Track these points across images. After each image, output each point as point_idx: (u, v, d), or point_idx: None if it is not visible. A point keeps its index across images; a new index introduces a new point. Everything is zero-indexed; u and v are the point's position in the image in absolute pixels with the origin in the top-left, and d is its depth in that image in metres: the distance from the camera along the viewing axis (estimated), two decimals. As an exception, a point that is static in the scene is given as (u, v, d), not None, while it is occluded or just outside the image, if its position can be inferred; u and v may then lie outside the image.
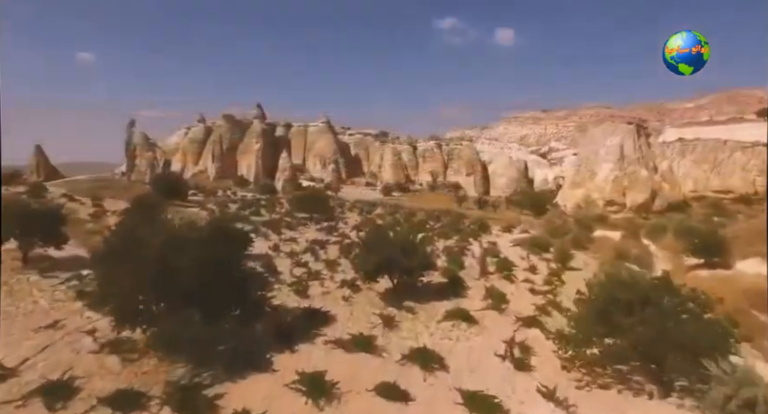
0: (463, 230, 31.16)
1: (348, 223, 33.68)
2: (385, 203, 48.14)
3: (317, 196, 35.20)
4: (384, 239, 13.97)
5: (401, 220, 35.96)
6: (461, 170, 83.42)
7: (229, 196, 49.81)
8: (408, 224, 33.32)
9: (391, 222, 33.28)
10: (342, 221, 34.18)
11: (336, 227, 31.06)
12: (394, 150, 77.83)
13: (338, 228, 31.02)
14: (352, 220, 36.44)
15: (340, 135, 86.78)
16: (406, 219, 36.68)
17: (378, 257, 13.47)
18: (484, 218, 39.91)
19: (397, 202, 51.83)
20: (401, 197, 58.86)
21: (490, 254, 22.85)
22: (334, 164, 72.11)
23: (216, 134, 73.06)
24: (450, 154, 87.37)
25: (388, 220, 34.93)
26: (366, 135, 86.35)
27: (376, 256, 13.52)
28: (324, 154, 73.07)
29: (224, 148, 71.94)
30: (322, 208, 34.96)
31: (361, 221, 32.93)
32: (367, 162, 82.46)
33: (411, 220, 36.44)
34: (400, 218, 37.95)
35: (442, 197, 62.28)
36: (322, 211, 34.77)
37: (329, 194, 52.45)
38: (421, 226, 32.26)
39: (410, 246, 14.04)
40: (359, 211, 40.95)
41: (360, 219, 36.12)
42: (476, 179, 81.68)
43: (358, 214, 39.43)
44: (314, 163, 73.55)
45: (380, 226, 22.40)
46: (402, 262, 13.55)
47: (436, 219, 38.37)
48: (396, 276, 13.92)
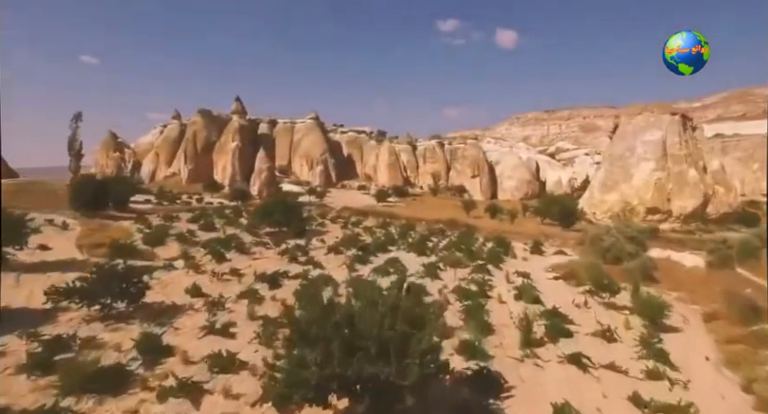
0: (478, 252, 23.56)
1: (325, 241, 26.09)
2: (378, 212, 40.53)
3: (286, 204, 27.56)
4: (337, 330, 6.29)
5: (395, 236, 28.32)
6: (466, 171, 75.90)
7: (192, 203, 42.22)
8: (404, 242, 25.74)
9: (382, 241, 25.68)
10: (317, 238, 26.59)
11: (307, 247, 23.51)
12: (391, 149, 70.32)
13: (309, 248, 23.48)
14: (334, 234, 28.85)
15: (331, 133, 79.28)
16: (401, 233, 29.03)
17: (321, 370, 5.94)
18: (500, 231, 32.28)
19: (392, 209, 44.23)
20: (398, 203, 51.25)
21: (528, 293, 15.29)
22: (322, 165, 64.60)
23: (189, 132, 65.61)
24: (454, 154, 79.93)
25: (378, 238, 27.33)
26: (360, 133, 78.86)
27: (319, 367, 6.00)
28: (311, 154, 65.61)
29: (198, 147, 64.51)
30: (293, 220, 27.36)
31: (342, 239, 25.30)
32: (361, 163, 74.91)
33: (408, 236, 28.80)
34: (395, 232, 30.34)
35: (445, 203, 54.65)
36: (293, 224, 27.18)
37: (309, 201, 44.91)
38: (422, 246, 24.65)
39: (399, 338, 6.44)
40: (344, 222, 33.29)
41: (342, 234, 28.51)
42: (482, 181, 74.20)
43: (342, 226, 31.82)
44: (300, 164, 66.06)
45: (329, 301, 14.56)
46: (378, 374, 6.03)
47: (441, 233, 30.71)
48: (365, 399, 6.40)
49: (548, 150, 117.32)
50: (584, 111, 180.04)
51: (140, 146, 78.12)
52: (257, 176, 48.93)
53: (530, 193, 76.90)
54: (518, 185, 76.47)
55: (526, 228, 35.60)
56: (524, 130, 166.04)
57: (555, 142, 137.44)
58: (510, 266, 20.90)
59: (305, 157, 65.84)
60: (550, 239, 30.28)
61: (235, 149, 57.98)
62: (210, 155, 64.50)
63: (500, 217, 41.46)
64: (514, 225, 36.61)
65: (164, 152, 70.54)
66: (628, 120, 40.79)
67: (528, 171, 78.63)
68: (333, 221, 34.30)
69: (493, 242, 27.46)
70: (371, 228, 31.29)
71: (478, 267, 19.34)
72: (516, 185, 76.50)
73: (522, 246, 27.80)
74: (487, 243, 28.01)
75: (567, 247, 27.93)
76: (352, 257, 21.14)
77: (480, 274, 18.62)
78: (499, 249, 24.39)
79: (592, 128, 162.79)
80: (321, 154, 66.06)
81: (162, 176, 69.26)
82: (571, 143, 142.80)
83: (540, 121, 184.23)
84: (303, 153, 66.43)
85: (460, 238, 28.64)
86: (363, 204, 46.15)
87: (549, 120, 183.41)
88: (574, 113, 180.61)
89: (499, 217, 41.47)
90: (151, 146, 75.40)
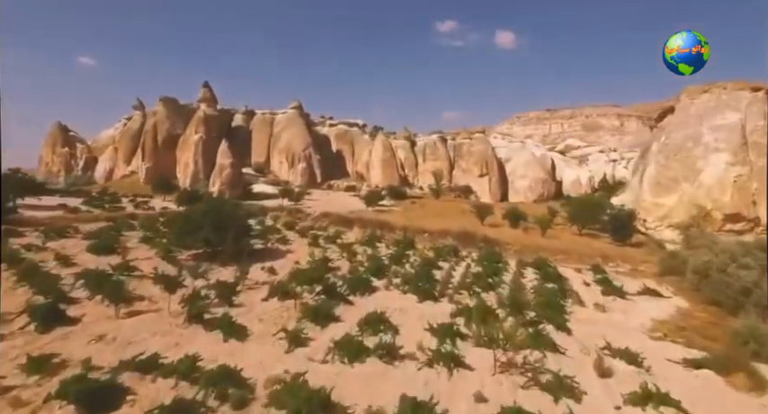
0: (516, 290, 14.65)
1: (276, 270, 17.10)
2: (367, 219, 31.56)
3: (220, 214, 18.56)
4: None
5: (385, 260, 19.30)
6: (472, 170, 66.97)
7: (127, 209, 33.01)
8: (399, 270, 16.73)
9: (363, 272, 16.74)
10: (266, 264, 17.58)
11: (239, 285, 14.53)
12: (386, 144, 61.39)
13: (240, 289, 14.52)
14: (295, 256, 19.88)
15: (319, 126, 70.29)
16: (396, 256, 19.95)
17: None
18: (535, 248, 23.39)
19: (386, 215, 35.29)
20: (393, 207, 42.32)
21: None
22: (305, 162, 55.62)
23: (149, 123, 56.58)
24: (458, 150, 71.08)
25: (360, 264, 18.34)
26: (352, 126, 69.87)
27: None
28: (292, 149, 56.64)
29: (160, 141, 55.56)
30: (231, 237, 18.43)
31: (299, 271, 16.23)
32: (352, 160, 65.92)
33: (405, 259, 19.78)
34: (386, 252, 21.32)
35: (450, 206, 45.73)
36: (229, 244, 18.22)
37: (279, 205, 35.71)
38: (426, 280, 15.69)
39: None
40: (313, 236, 24.11)
41: (309, 255, 19.48)
42: (491, 181, 65.32)
43: (312, 243, 22.79)
44: (279, 161, 57.09)
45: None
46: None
47: (452, 252, 21.62)
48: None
49: (556, 148, 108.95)
50: (586, 109, 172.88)
51: (100, 141, 69.01)
52: (217, 175, 40.01)
53: (545, 194, 68.13)
54: (532, 185, 67.59)
55: (565, 241, 26.70)
56: (525, 129, 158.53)
57: (557, 142, 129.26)
58: (582, 326, 11.99)
59: (285, 152, 56.84)
60: (609, 262, 21.34)
61: (198, 143, 48.93)
62: (174, 150, 55.40)
63: (524, 225, 32.59)
64: (547, 237, 27.72)
65: (123, 148, 61.41)
66: (689, 99, 31.90)
67: (543, 169, 69.79)
68: (302, 235, 25.30)
69: (534, 270, 18.53)
70: (352, 245, 22.25)
71: (533, 338, 10.36)
72: (530, 185, 67.62)
73: (575, 273, 18.87)
74: (525, 270, 19.04)
75: (641, 275, 19.00)
76: (306, 309, 12.27)
77: (538, 350, 9.76)
78: (551, 287, 15.45)
79: (595, 127, 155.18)
80: (304, 149, 57.04)
81: (120, 175, 60.21)
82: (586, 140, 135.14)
83: (541, 120, 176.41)
84: (283, 148, 57.41)
85: (483, 260, 19.65)
86: (350, 209, 37.23)
87: (551, 118, 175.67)
88: (576, 112, 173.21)
89: (523, 225, 32.59)
90: (113, 141, 66.31)
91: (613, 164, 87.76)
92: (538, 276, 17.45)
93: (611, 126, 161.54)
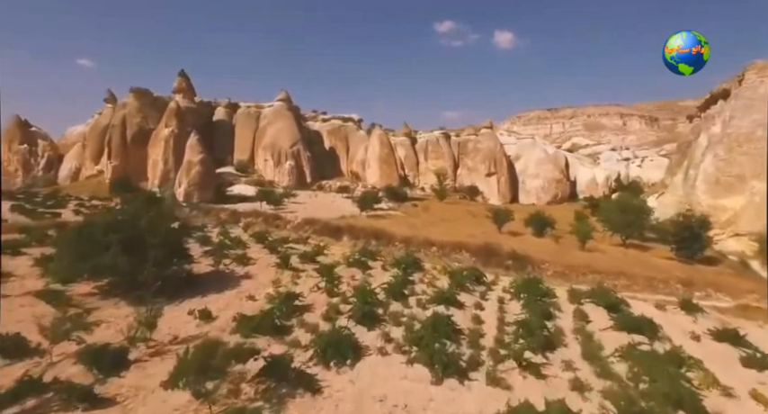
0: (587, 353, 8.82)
1: (214, 312, 11.28)
2: (360, 227, 25.66)
3: (132, 227, 12.60)
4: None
5: (380, 294, 13.42)
6: (479, 168, 61.09)
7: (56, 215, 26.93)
8: (403, 310, 10.79)
9: (347, 324, 10.79)
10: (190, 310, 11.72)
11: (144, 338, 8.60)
12: (384, 140, 55.53)
13: (138, 347, 8.57)
14: (253, 286, 14.08)
15: (310, 121, 64.37)
16: (395, 287, 14.01)
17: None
18: (582, 268, 17.54)
19: (383, 221, 29.42)
20: (392, 210, 36.46)
21: None
22: (292, 159, 49.73)
23: (117, 117, 50.67)
24: (463, 147, 65.37)
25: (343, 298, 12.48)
26: (346, 121, 64.02)
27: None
28: (278, 145, 50.73)
29: (129, 137, 49.70)
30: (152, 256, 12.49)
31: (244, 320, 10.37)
32: (346, 158, 60.03)
33: (407, 288, 13.82)
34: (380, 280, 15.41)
35: (458, 210, 39.94)
36: (147, 272, 12.30)
37: (254, 210, 29.47)
38: (440, 331, 9.87)
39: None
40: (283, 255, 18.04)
41: (272, 284, 13.63)
42: (500, 181, 59.56)
43: (279, 264, 16.81)
44: (264, 158, 51.16)
45: None
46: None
47: (476, 279, 15.65)
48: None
49: (563, 147, 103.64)
50: (588, 109, 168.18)
51: (69, 138, 63.13)
52: (184, 174, 34.09)
53: (559, 195, 62.48)
54: (545, 185, 61.83)
55: (612, 257, 20.85)
56: (526, 129, 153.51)
57: (559, 141, 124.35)
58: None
59: (270, 149, 50.91)
60: (694, 290, 15.46)
61: (169, 138, 43.01)
62: (146, 147, 49.42)
63: (550, 233, 26.82)
64: (587, 250, 21.90)
65: (91, 145, 55.42)
66: (758, 77, 26.07)
67: (557, 168, 64.04)
68: (271, 250, 19.34)
69: (594, 303, 12.65)
70: (335, 267, 16.27)
71: None
72: (543, 185, 61.86)
73: (659, 312, 12.97)
74: (583, 304, 13.12)
75: (759, 314, 13.11)
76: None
77: None
78: (651, 351, 9.53)
79: (597, 126, 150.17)
80: (291, 145, 51.11)
81: (87, 175, 54.23)
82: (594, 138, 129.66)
83: (542, 120, 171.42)
84: (268, 144, 51.48)
85: (520, 292, 13.72)
86: (341, 214, 31.38)
87: (552, 118, 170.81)
88: (578, 112, 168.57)
89: (549, 233, 26.81)
90: (83, 138, 60.35)
91: (626, 163, 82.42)
92: (611, 320, 11.56)
93: (613, 125, 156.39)
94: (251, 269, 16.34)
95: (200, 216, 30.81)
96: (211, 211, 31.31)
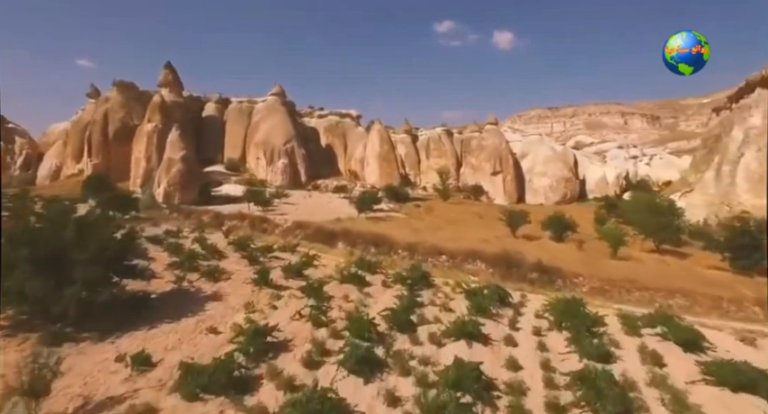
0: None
1: (162, 353, 8.37)
2: (356, 232, 22.65)
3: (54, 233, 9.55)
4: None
5: (380, 323, 10.45)
6: (483, 167, 58.09)
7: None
8: (415, 347, 7.93)
9: (339, 368, 7.74)
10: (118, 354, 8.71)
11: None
12: (384, 136, 52.58)
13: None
14: (219, 311, 11.08)
15: (306, 118, 61.36)
16: (400, 313, 11.06)
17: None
18: (622, 283, 14.58)
19: (383, 224, 26.46)
20: (393, 212, 33.52)
21: None
22: (286, 157, 46.76)
23: (99, 113, 47.68)
24: (466, 145, 62.43)
25: (338, 321, 9.51)
26: (344, 117, 61.02)
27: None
28: (271, 142, 47.77)
29: (111, 133, 46.71)
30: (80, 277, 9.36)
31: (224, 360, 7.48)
32: (344, 155, 57.03)
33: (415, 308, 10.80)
34: (379, 306, 12.45)
35: (464, 210, 37.01)
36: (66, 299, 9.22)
37: (238, 212, 26.23)
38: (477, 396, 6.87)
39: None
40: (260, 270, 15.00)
41: (246, 315, 10.67)
42: (506, 179, 56.57)
43: (256, 282, 13.81)
44: (256, 156, 48.21)
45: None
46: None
47: (500, 299, 12.70)
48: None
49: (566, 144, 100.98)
50: (589, 107, 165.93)
51: (51, 135, 60.05)
52: (164, 172, 31.08)
53: (569, 194, 59.56)
54: (553, 184, 58.88)
55: (651, 267, 17.88)
56: (527, 128, 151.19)
57: (560, 140, 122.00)
58: None
59: (262, 146, 47.92)
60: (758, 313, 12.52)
61: (152, 134, 40.03)
62: (130, 144, 46.41)
63: (570, 237, 23.90)
64: (619, 258, 18.96)
65: (73, 142, 52.40)
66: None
67: (566, 166, 61.07)
68: (251, 261, 16.34)
69: (660, 335, 9.69)
70: (325, 284, 13.27)
71: None
72: (551, 184, 58.91)
73: (751, 350, 10.00)
74: (642, 336, 10.12)
75: None
76: None
77: None
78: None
79: (598, 125, 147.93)
80: (285, 142, 48.11)
81: (69, 174, 51.20)
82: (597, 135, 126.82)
83: (543, 119, 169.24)
84: (260, 141, 48.46)
85: (560, 318, 10.75)
86: (337, 216, 28.40)
87: (553, 117, 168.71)
88: (579, 110, 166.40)
89: (570, 238, 23.88)
90: (65, 135, 57.31)
91: (634, 161, 79.74)
92: (697, 365, 8.57)
93: (614, 124, 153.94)
94: (222, 286, 13.37)
95: (180, 219, 27.82)
96: (193, 214, 28.31)
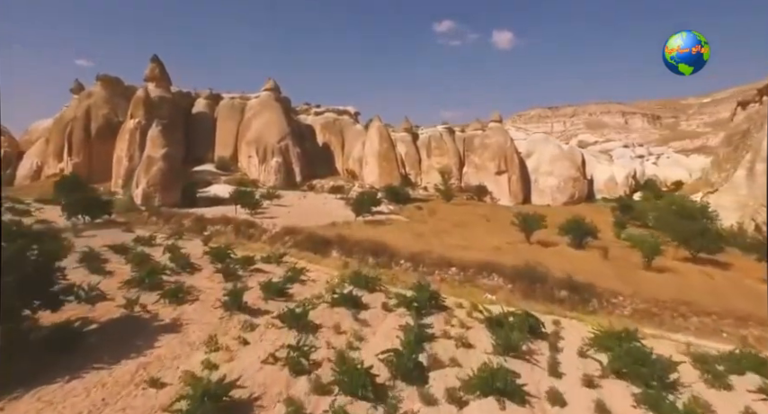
0: None
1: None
2: (353, 239, 20.08)
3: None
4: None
5: (379, 373, 7.86)
6: (487, 166, 55.52)
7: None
8: None
9: None
10: None
11: None
12: (383, 133, 50.04)
13: None
14: (175, 347, 8.57)
15: (302, 115, 58.82)
16: (406, 357, 8.54)
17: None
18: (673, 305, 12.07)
19: (381, 229, 23.90)
20: (394, 214, 30.98)
21: None
22: (280, 156, 44.18)
23: (81, 109, 45.10)
24: (469, 143, 59.92)
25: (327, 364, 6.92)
26: (342, 114, 58.47)
27: None
28: (264, 140, 45.20)
29: (93, 130, 44.15)
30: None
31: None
32: (342, 154, 54.47)
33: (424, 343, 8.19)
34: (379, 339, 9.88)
35: (470, 212, 34.52)
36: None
37: (223, 216, 23.40)
38: None
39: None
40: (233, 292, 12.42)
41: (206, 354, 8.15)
42: (511, 179, 54.05)
43: (224, 307, 11.25)
44: (248, 155, 45.59)
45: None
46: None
47: (530, 331, 10.20)
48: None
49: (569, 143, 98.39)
50: (590, 107, 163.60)
51: (33, 133, 57.30)
52: (143, 172, 28.45)
53: (576, 194, 56.99)
54: (560, 185, 56.30)
55: (694, 281, 15.37)
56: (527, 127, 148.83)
57: (560, 140, 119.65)
58: None
59: (255, 144, 45.35)
60: None
61: (134, 131, 37.44)
62: (114, 142, 43.80)
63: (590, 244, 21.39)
64: (653, 269, 16.46)
65: (55, 140, 49.65)
66: None
67: (573, 165, 58.51)
68: (227, 277, 13.76)
69: None
70: (312, 309, 10.70)
71: None
72: (558, 185, 56.34)
73: None
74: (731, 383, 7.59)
75: None
76: None
77: None
78: None
79: (598, 124, 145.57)
80: (279, 140, 45.54)
81: (50, 174, 48.50)
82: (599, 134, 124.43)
83: (543, 119, 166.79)
84: (252, 139, 45.88)
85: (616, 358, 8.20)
86: (333, 219, 25.84)
87: (553, 116, 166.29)
88: (579, 110, 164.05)
89: (591, 244, 21.36)
90: (48, 133, 54.63)
91: (641, 160, 77.55)
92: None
93: (615, 123, 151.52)
94: (185, 312, 10.80)
95: (159, 223, 25.24)
96: (173, 218, 25.72)
